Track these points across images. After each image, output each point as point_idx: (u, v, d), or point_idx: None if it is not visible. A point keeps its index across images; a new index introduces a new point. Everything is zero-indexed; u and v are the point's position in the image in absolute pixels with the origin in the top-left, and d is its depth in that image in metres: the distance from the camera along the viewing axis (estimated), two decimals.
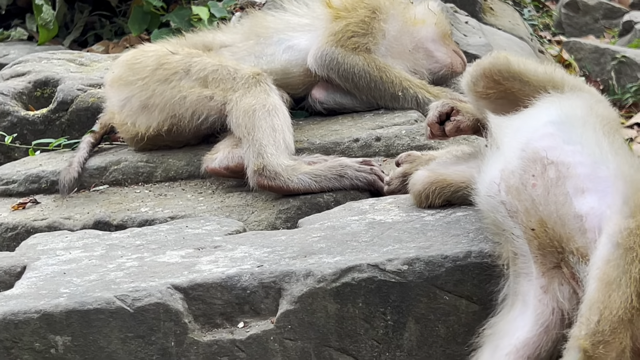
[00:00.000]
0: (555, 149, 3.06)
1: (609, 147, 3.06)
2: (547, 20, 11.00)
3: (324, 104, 5.19)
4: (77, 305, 3.25)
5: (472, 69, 3.59)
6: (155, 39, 6.72)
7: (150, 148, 5.05)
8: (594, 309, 2.69)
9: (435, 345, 3.26)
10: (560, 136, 3.11)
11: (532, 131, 3.17)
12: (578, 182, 2.96)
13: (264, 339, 3.27)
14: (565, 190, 2.96)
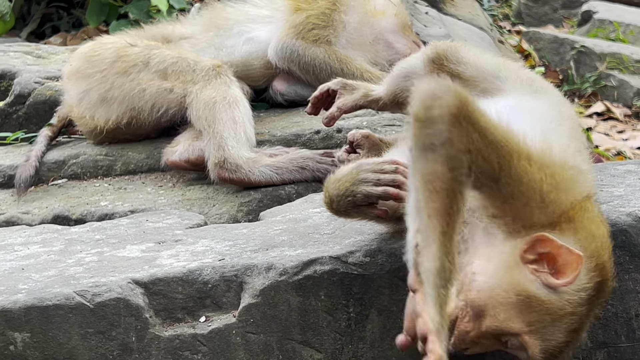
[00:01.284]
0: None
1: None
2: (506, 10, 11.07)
3: (285, 96, 5.18)
4: (36, 302, 3.21)
5: (428, 49, 3.68)
6: (113, 31, 6.65)
7: (109, 141, 5.01)
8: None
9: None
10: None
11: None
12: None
13: (226, 333, 3.25)
14: None
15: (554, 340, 2.86)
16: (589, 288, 2.86)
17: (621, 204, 3.38)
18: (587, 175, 3.07)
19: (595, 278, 2.87)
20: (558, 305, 2.83)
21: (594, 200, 3.04)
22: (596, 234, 2.93)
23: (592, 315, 2.93)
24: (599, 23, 10.13)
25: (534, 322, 2.84)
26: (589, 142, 7.28)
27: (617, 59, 8.96)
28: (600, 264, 2.89)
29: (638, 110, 8.48)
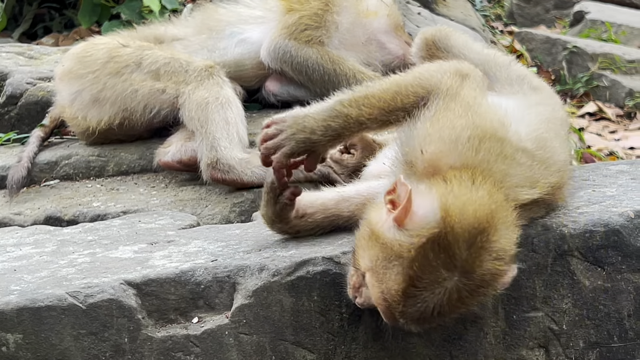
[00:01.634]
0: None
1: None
2: (498, 10, 11.08)
3: (277, 97, 5.18)
4: (29, 303, 3.21)
5: (417, 37, 3.89)
6: (105, 32, 6.64)
7: (101, 142, 5.01)
8: None
9: (390, 337, 3.26)
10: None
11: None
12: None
13: (219, 333, 3.25)
14: None
15: (390, 287, 2.89)
16: (425, 237, 2.86)
17: (613, 204, 3.38)
18: (533, 172, 3.12)
19: (435, 232, 2.86)
20: (391, 243, 2.89)
21: (506, 188, 3.04)
22: (464, 200, 2.94)
23: (433, 278, 2.87)
24: (591, 23, 10.16)
25: (374, 260, 2.93)
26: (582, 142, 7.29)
27: (609, 59, 8.99)
28: (452, 224, 2.88)
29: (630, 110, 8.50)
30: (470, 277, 2.90)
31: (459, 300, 2.91)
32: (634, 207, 3.32)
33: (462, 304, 2.94)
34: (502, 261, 2.94)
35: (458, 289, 2.89)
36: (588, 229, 3.26)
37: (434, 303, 2.89)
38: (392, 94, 3.21)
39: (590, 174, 3.86)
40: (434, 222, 2.88)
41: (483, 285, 2.93)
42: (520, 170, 3.10)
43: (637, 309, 3.26)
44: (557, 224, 3.28)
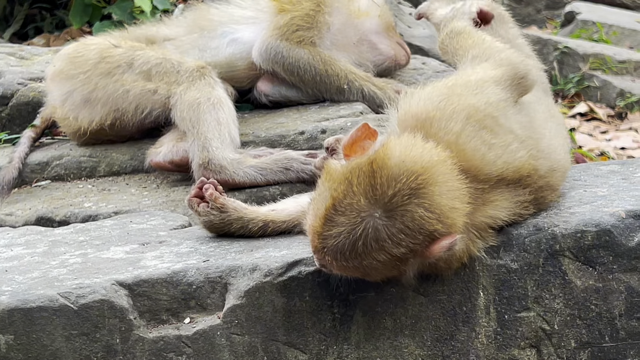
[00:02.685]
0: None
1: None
2: None
3: (269, 97, 5.17)
4: (20, 303, 3.20)
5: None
6: (97, 32, 6.63)
7: (93, 142, 5.00)
8: None
9: (382, 337, 3.27)
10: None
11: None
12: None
13: (211, 334, 3.25)
14: None
15: (316, 210, 2.96)
16: (355, 162, 2.95)
17: (605, 204, 3.39)
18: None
19: (365, 159, 2.93)
20: (329, 168, 3.00)
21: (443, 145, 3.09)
22: (408, 144, 3.00)
23: (352, 204, 2.91)
24: (582, 24, 10.16)
25: (316, 189, 3.04)
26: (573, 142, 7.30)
27: (600, 59, 8.99)
28: (384, 155, 2.93)
29: (621, 110, 8.51)
30: (391, 217, 2.88)
31: (377, 240, 2.89)
32: (625, 207, 3.32)
33: (380, 248, 2.91)
34: (433, 214, 2.90)
35: (376, 226, 2.88)
36: (579, 229, 3.26)
37: (350, 233, 2.89)
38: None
39: (582, 174, 3.86)
40: (367, 155, 2.95)
41: (404, 231, 2.89)
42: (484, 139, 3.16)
43: (629, 309, 3.26)
44: (548, 224, 3.29)
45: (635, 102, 8.52)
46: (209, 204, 3.58)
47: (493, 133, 3.17)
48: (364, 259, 2.94)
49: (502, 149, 3.16)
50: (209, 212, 3.56)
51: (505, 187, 3.19)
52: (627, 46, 9.89)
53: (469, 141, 3.11)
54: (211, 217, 3.57)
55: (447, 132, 3.09)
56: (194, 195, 3.64)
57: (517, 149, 3.19)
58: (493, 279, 3.27)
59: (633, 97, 8.54)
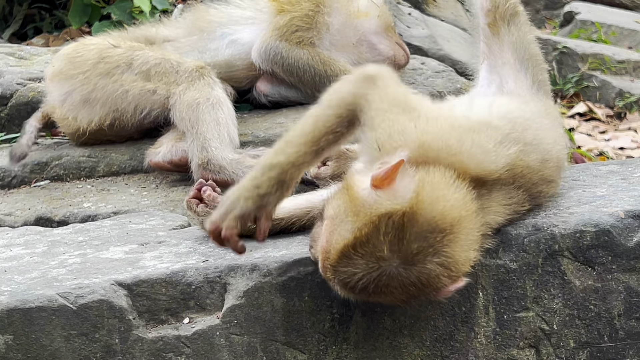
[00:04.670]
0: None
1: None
2: None
3: (269, 97, 5.18)
4: (19, 304, 3.20)
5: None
6: (96, 32, 6.63)
7: (92, 143, 5.00)
8: None
9: (381, 337, 3.27)
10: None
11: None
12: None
13: (210, 334, 3.25)
14: None
15: (335, 239, 2.92)
16: (387, 208, 2.88)
17: (604, 204, 3.39)
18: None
19: (397, 208, 2.88)
20: (358, 199, 2.93)
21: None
22: (439, 195, 2.97)
23: (374, 251, 2.88)
24: (581, 24, 10.17)
25: (337, 210, 2.97)
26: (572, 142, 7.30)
27: (599, 59, 9.00)
28: (416, 209, 2.89)
29: (620, 110, 8.52)
30: (407, 270, 2.89)
31: (387, 286, 2.90)
32: (624, 207, 3.33)
33: (389, 292, 2.92)
34: (447, 271, 2.93)
35: (391, 275, 2.89)
36: (578, 229, 3.27)
37: (364, 275, 2.89)
38: (312, 126, 3.16)
39: (581, 174, 3.86)
40: (402, 200, 2.90)
41: (416, 284, 2.91)
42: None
43: (628, 309, 3.27)
44: (547, 224, 3.29)
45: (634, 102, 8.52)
46: (208, 205, 3.58)
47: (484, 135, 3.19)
48: (371, 296, 2.96)
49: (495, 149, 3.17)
50: (207, 212, 3.54)
51: (500, 188, 3.19)
52: (626, 46, 9.90)
53: (469, 153, 3.11)
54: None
55: (449, 153, 3.08)
56: (193, 196, 3.64)
57: (508, 146, 3.21)
58: (492, 279, 3.27)
59: (632, 97, 8.55)
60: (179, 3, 7.08)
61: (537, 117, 3.50)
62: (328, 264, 2.96)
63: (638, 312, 3.27)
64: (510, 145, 3.21)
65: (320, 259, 3.01)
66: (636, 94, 8.58)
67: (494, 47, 3.98)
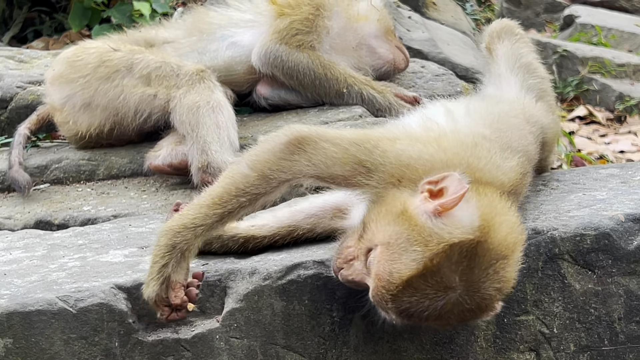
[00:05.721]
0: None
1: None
2: (489, 14, 11.09)
3: (269, 100, 5.17)
4: (19, 307, 3.20)
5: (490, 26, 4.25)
6: (96, 35, 6.64)
7: (92, 146, 5.00)
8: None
9: (381, 341, 3.27)
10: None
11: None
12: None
13: (210, 337, 3.25)
14: None
15: (399, 268, 2.84)
16: (459, 238, 2.83)
17: (604, 207, 3.39)
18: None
19: (469, 238, 2.84)
20: (423, 228, 2.85)
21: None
22: (502, 220, 2.95)
23: (444, 280, 2.84)
24: (581, 27, 10.17)
25: (395, 237, 2.87)
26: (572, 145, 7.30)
27: (599, 63, 9.00)
28: (486, 238, 2.86)
29: (620, 114, 8.52)
30: (470, 297, 2.86)
31: (450, 312, 2.87)
32: (624, 210, 3.33)
33: (446, 319, 2.90)
34: (501, 293, 2.92)
35: (454, 302, 2.85)
36: (578, 233, 3.26)
37: (429, 305, 2.85)
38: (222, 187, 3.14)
39: (581, 178, 3.87)
40: (471, 228, 2.86)
41: (474, 310, 2.90)
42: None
43: (628, 312, 3.26)
44: (547, 227, 3.29)
45: (634, 105, 8.52)
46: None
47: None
48: (429, 321, 2.92)
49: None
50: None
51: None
52: (626, 49, 9.90)
53: (488, 171, 3.12)
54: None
55: (475, 169, 3.08)
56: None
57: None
58: None
59: (632, 100, 8.55)
60: (179, 6, 7.08)
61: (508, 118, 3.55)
62: (390, 296, 2.87)
63: (638, 315, 3.27)
64: (512, 156, 3.25)
65: (376, 289, 2.91)
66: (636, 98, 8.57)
67: (492, 63, 4.13)
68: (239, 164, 3.18)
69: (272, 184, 3.10)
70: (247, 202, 3.10)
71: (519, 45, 4.13)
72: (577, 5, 11.05)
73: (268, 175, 3.09)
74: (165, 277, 3.07)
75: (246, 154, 3.19)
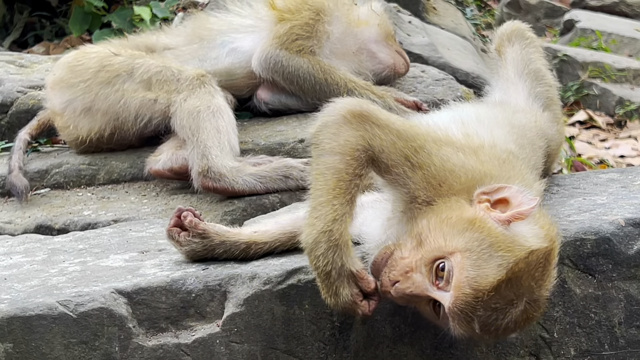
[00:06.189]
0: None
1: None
2: (489, 19, 11.10)
3: (269, 105, 5.17)
4: (19, 312, 3.20)
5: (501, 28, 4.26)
6: (96, 40, 6.64)
7: (92, 150, 5.00)
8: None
9: (381, 345, 3.27)
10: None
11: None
12: None
13: (210, 342, 3.25)
14: None
15: (487, 273, 2.83)
16: (538, 246, 2.88)
17: (604, 212, 3.39)
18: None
19: (545, 246, 2.90)
20: (504, 237, 2.87)
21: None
22: (549, 223, 3.01)
23: (522, 284, 2.85)
24: (581, 32, 10.19)
25: (475, 244, 2.87)
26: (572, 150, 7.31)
27: (599, 67, 9.02)
28: (552, 244, 2.94)
29: (620, 118, 8.53)
30: (533, 304, 2.91)
31: (516, 322, 2.90)
32: (624, 215, 3.32)
33: (512, 330, 2.93)
34: (548, 293, 2.97)
35: (522, 310, 2.88)
36: (579, 237, 3.26)
37: (507, 313, 2.86)
38: (332, 179, 3.04)
39: (581, 182, 3.87)
40: (542, 237, 2.92)
41: (534, 317, 2.95)
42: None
43: (628, 317, 3.26)
44: None
45: (634, 110, 8.53)
46: (190, 232, 3.46)
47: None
48: (484, 332, 2.91)
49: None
50: (190, 241, 3.45)
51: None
52: (626, 54, 9.91)
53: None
54: (193, 245, 3.45)
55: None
56: (174, 225, 3.47)
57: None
58: None
59: (632, 105, 8.56)
60: (179, 11, 7.08)
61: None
62: (474, 300, 2.84)
63: (638, 320, 3.27)
64: (536, 175, 3.35)
65: (458, 295, 2.85)
66: (636, 102, 8.59)
67: (501, 66, 4.13)
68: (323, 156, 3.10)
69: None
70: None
71: (529, 50, 4.13)
72: (577, 10, 11.06)
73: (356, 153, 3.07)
74: (348, 274, 3.00)
75: (320, 144, 3.13)
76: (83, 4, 7.47)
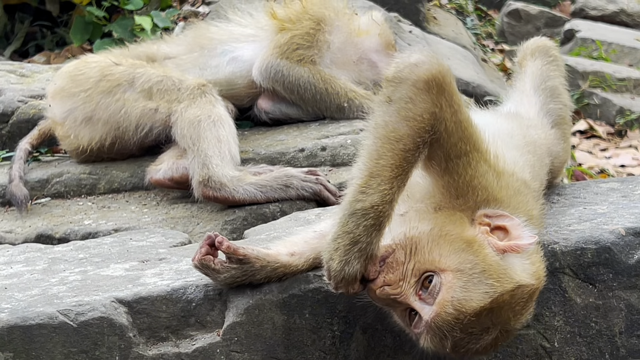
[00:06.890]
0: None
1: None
2: (489, 29, 11.12)
3: (270, 114, 5.18)
4: (19, 321, 3.19)
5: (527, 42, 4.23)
6: (97, 50, 6.65)
7: (93, 160, 5.00)
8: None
9: (382, 355, 3.26)
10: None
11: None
12: None
13: (210, 351, 3.24)
14: None
15: (472, 297, 2.83)
16: (526, 282, 2.89)
17: (604, 221, 3.39)
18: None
19: (534, 283, 2.92)
20: (498, 266, 2.87)
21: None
22: (539, 259, 3.03)
23: (501, 315, 2.87)
24: (581, 42, 10.20)
25: (468, 266, 2.87)
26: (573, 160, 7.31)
27: (599, 77, 9.02)
28: (540, 280, 2.97)
29: (621, 128, 8.53)
30: (509, 332, 2.95)
31: (490, 345, 2.94)
32: (625, 224, 3.32)
33: (480, 353, 2.96)
34: (521, 326, 2.99)
35: (495, 337, 2.91)
36: (579, 247, 3.26)
37: (480, 338, 2.90)
38: (391, 139, 2.98)
39: (581, 192, 3.87)
40: (531, 274, 2.94)
41: (504, 340, 2.98)
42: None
43: (629, 327, 3.26)
44: (548, 241, 3.28)
45: (634, 119, 8.53)
46: (229, 258, 3.22)
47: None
48: (468, 353, 2.94)
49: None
50: (229, 268, 3.23)
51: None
52: (626, 64, 9.92)
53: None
54: (233, 272, 3.22)
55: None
56: (205, 253, 3.21)
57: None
58: None
59: (633, 114, 8.57)
60: (180, 21, 7.10)
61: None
62: (453, 321, 2.85)
63: (639, 329, 3.26)
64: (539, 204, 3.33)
65: (438, 312, 2.86)
66: (637, 112, 8.59)
67: (518, 79, 4.12)
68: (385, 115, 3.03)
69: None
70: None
71: (550, 67, 4.12)
72: (578, 20, 11.07)
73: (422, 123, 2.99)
74: (369, 253, 2.96)
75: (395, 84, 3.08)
76: (84, 14, 7.49)
